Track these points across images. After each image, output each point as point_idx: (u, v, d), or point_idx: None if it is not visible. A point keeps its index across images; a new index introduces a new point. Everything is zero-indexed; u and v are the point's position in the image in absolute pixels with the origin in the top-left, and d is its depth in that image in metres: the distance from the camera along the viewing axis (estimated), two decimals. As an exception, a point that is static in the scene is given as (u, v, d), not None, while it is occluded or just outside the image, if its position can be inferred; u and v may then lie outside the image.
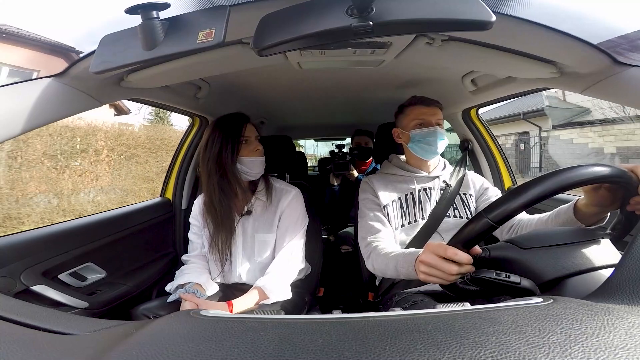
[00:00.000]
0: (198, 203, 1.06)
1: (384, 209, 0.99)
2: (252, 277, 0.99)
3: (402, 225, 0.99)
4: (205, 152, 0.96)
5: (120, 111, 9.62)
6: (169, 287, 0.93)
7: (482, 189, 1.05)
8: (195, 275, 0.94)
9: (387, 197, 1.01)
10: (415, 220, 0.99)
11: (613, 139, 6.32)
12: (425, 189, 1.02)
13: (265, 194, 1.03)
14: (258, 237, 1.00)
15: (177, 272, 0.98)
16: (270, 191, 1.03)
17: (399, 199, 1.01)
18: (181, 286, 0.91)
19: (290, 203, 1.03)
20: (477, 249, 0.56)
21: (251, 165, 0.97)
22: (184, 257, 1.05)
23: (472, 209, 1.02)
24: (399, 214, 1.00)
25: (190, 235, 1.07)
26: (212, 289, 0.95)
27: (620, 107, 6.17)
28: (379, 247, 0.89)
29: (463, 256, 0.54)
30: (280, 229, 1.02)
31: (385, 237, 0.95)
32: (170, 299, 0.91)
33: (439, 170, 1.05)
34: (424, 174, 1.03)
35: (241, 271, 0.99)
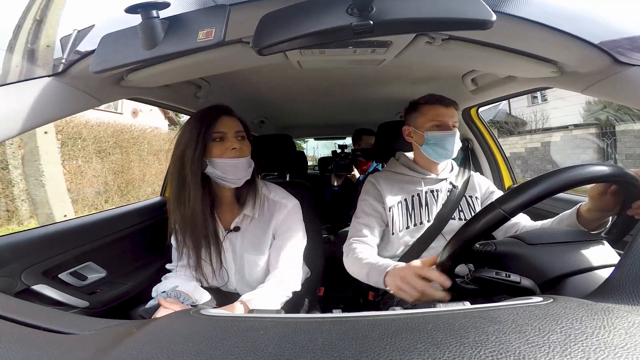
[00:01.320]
0: None
1: (389, 210, 0.97)
2: (247, 291, 0.91)
3: (407, 227, 0.97)
4: (173, 152, 0.82)
5: (172, 122, 11.16)
6: (154, 293, 0.86)
7: (487, 192, 1.04)
8: (182, 281, 0.86)
9: (393, 198, 0.98)
10: (421, 223, 0.97)
11: (508, 147, 8.60)
12: (432, 191, 0.99)
13: (253, 209, 0.87)
14: (247, 258, 0.89)
15: (162, 278, 0.90)
16: (261, 205, 0.89)
17: (405, 200, 0.99)
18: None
19: (285, 220, 0.89)
20: (447, 282, 0.60)
21: (225, 168, 0.79)
22: (168, 266, 0.94)
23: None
24: (405, 215, 0.98)
25: (172, 240, 0.91)
26: (204, 297, 0.87)
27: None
28: (357, 250, 0.92)
29: (434, 274, 0.60)
30: (273, 247, 0.89)
31: (369, 243, 0.97)
32: (150, 304, 0.82)
33: (447, 172, 1.02)
34: (433, 176, 1.00)
35: (237, 287, 0.94)
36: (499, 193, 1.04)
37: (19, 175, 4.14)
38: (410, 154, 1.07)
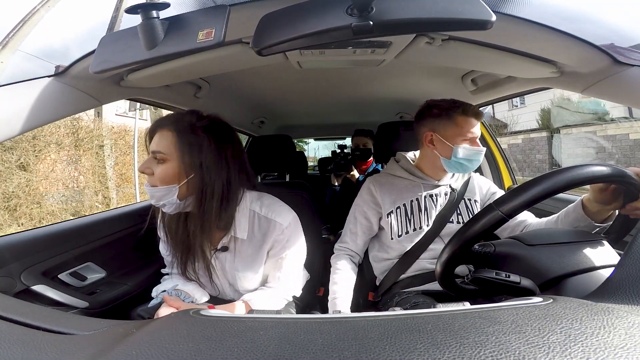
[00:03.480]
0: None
1: (387, 217, 0.96)
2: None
3: (407, 232, 0.96)
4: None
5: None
6: (154, 293, 0.86)
7: (489, 193, 1.01)
8: (182, 282, 0.86)
9: (391, 203, 0.97)
10: (420, 227, 0.96)
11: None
12: (431, 195, 0.97)
13: (241, 231, 0.81)
14: (239, 275, 0.85)
15: (162, 279, 0.91)
16: (251, 224, 0.82)
17: (404, 205, 0.97)
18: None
19: (280, 240, 0.83)
20: None
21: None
22: (163, 271, 0.93)
23: None
24: (404, 221, 0.96)
25: (161, 250, 0.89)
26: (204, 297, 0.87)
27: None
28: (338, 265, 0.99)
29: None
30: (269, 264, 0.86)
31: (350, 253, 1.03)
32: (152, 303, 0.82)
33: (448, 179, 0.99)
34: (434, 182, 0.97)
35: (234, 297, 0.92)
36: (500, 193, 1.02)
37: (113, 173, 6.13)
38: (410, 155, 1.05)
